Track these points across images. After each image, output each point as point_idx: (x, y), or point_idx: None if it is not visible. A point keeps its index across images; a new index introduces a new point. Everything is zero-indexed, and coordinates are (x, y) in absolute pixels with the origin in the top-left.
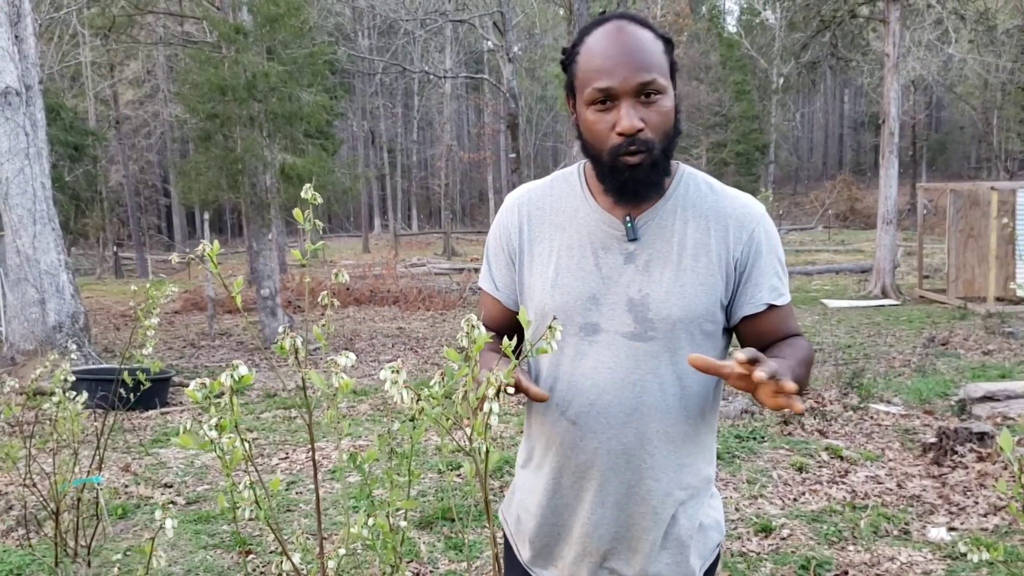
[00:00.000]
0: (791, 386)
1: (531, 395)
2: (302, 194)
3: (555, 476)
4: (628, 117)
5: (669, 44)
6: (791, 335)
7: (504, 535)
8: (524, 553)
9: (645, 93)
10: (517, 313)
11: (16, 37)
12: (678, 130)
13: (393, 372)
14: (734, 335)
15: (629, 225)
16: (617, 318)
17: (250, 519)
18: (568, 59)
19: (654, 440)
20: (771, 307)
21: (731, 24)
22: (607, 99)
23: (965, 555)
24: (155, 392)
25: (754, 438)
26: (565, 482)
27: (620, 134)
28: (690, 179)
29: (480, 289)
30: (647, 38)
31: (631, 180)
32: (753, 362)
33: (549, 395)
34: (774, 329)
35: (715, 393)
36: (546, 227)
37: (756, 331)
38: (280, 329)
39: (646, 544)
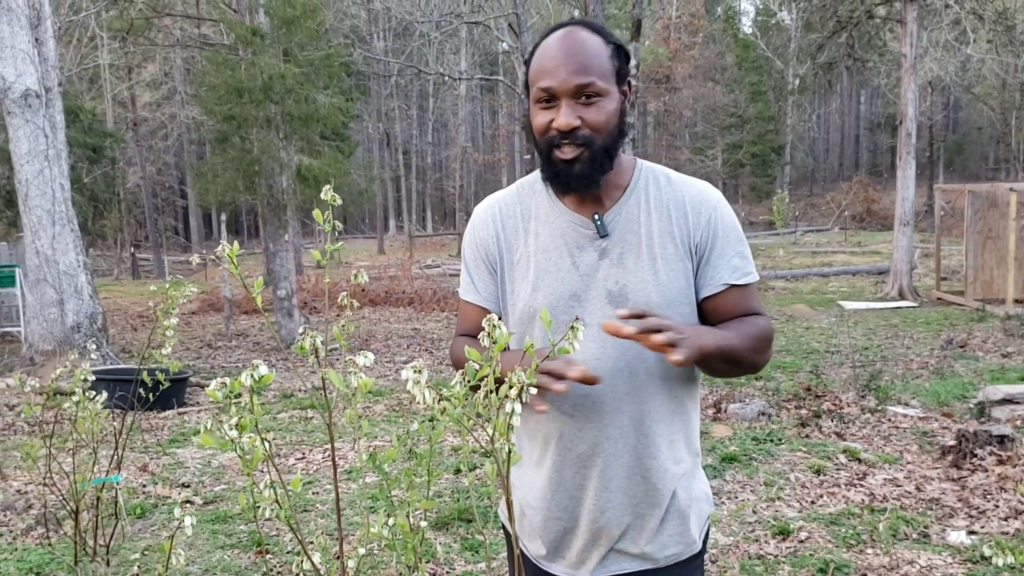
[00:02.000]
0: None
1: (581, 378)
2: (322, 195)
3: (557, 469)
4: (564, 115)
5: (619, 50)
6: (750, 314)
7: (505, 534)
8: (532, 549)
9: (585, 95)
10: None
11: (36, 40)
12: (622, 131)
13: (415, 372)
14: None
15: (599, 223)
16: (599, 311)
17: (270, 518)
18: (528, 60)
19: (646, 421)
20: (732, 287)
21: (746, 25)
22: (550, 98)
23: (988, 559)
24: (173, 392)
25: (771, 440)
26: (567, 474)
27: (556, 130)
28: (649, 173)
29: (460, 303)
30: (593, 43)
31: (563, 172)
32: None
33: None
34: (732, 308)
35: (695, 369)
36: (520, 234)
37: (719, 311)
38: (300, 330)
39: (652, 521)
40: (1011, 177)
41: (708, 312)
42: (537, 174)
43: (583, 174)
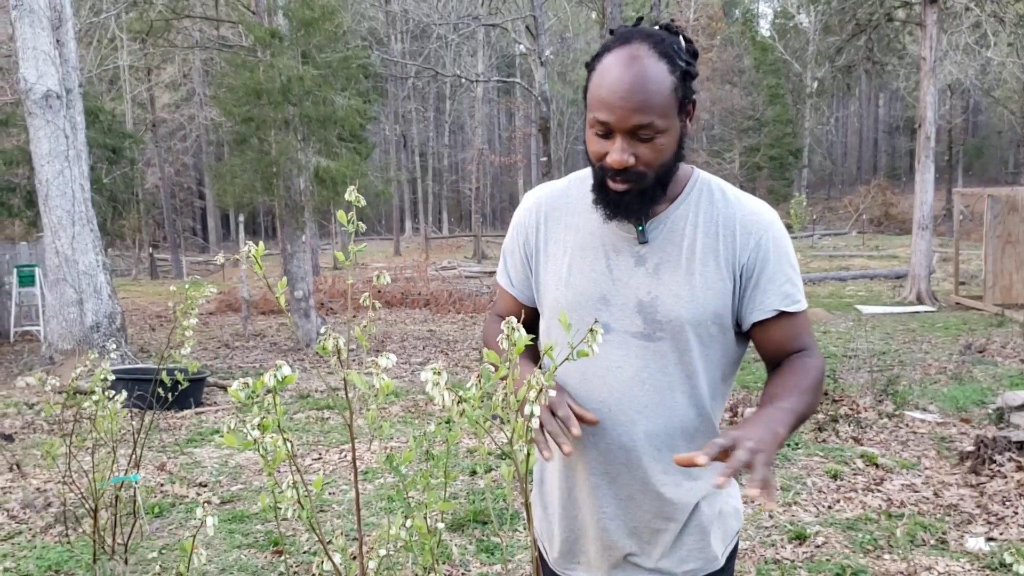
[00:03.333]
0: (753, 491)
1: (585, 419)
2: (346, 196)
3: (569, 471)
4: (618, 152)
5: (686, 76)
6: (803, 348)
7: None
8: (552, 552)
9: (641, 135)
10: (531, 308)
11: (58, 41)
12: (680, 156)
13: (435, 374)
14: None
15: (640, 229)
16: (627, 318)
17: (293, 518)
18: (589, 68)
19: (664, 434)
20: (783, 314)
21: (764, 28)
22: (606, 130)
23: (1009, 566)
24: (191, 392)
25: (788, 444)
26: (579, 477)
27: (609, 166)
28: (703, 185)
29: (498, 283)
30: (658, 75)
31: (614, 202)
32: (729, 449)
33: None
34: (786, 338)
35: (724, 388)
36: (561, 227)
37: (769, 338)
38: (323, 330)
39: (667, 535)
40: None
41: (759, 339)
42: (589, 170)
43: (631, 208)
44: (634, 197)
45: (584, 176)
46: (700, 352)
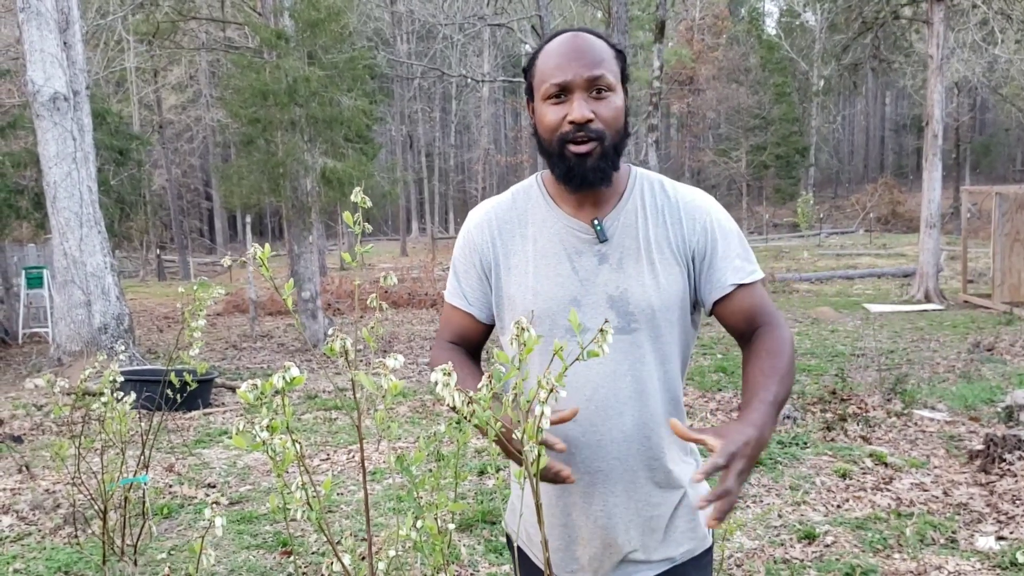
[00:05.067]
0: (714, 522)
1: (561, 477)
2: (352, 197)
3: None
4: (579, 108)
5: (621, 55)
6: (767, 317)
7: (515, 545)
8: (539, 554)
9: (596, 89)
10: (490, 325)
11: (65, 44)
12: (627, 132)
13: (445, 374)
14: (702, 315)
15: (599, 228)
16: (600, 316)
17: (302, 519)
18: (528, 66)
19: (650, 423)
20: (740, 287)
21: (771, 26)
22: (561, 93)
23: (1021, 565)
24: (199, 393)
25: (797, 444)
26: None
27: (571, 122)
28: (643, 179)
29: (444, 305)
30: (599, 44)
31: (578, 167)
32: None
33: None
34: (749, 308)
35: (684, 368)
36: (517, 239)
37: (733, 312)
38: (331, 331)
39: (661, 521)
40: None
41: (723, 315)
42: (531, 180)
43: (598, 167)
44: (596, 159)
45: (526, 186)
46: (669, 337)
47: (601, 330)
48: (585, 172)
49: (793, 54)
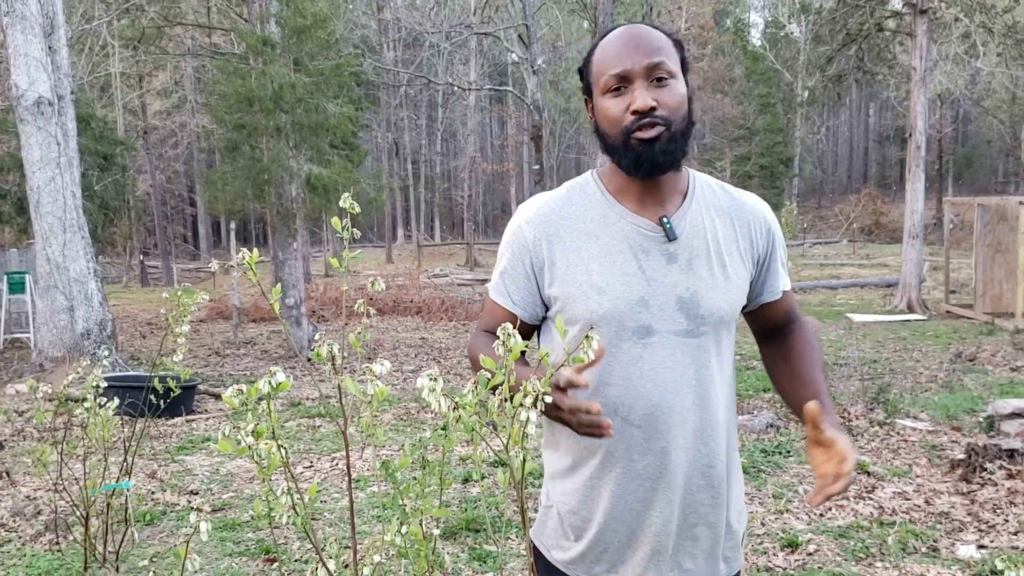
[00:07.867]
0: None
1: (598, 423)
2: (340, 203)
3: (620, 482)
4: (641, 96)
5: (679, 44)
6: (796, 314)
7: (536, 552)
8: (564, 554)
9: (657, 77)
10: (532, 326)
11: (50, 48)
12: (692, 120)
13: (431, 380)
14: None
15: (668, 226)
16: (669, 317)
17: (286, 524)
18: (584, 63)
19: (708, 429)
20: (784, 292)
21: (756, 37)
22: (621, 84)
23: (1001, 573)
24: (182, 400)
25: (780, 452)
26: (630, 486)
27: (635, 112)
28: (701, 180)
29: (487, 297)
30: (655, 33)
31: (647, 152)
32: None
33: (598, 405)
34: (786, 310)
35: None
36: (575, 236)
37: (774, 314)
38: (317, 337)
39: (717, 530)
40: (1021, 190)
41: (764, 316)
42: (587, 177)
43: (667, 150)
44: (665, 142)
45: (582, 183)
46: (727, 340)
47: (586, 337)
48: (655, 156)
49: (778, 65)
